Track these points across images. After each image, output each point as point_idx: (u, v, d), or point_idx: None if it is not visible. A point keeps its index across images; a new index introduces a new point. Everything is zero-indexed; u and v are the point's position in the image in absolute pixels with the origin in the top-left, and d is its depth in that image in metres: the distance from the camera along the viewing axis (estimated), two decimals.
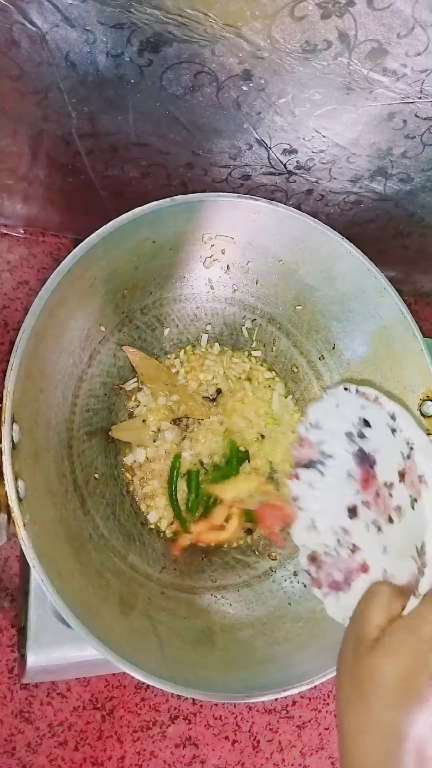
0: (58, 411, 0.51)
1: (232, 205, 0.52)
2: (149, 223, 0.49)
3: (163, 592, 0.54)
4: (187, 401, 0.60)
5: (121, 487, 0.57)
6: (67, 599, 0.39)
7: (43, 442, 0.48)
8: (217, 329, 0.63)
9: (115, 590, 0.50)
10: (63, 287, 0.44)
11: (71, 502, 0.51)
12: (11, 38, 0.41)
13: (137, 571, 0.54)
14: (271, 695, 0.45)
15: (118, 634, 0.44)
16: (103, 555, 0.52)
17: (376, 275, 0.54)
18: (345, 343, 0.61)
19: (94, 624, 0.41)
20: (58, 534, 0.47)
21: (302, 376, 0.64)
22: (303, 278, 0.59)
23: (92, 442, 0.55)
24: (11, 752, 0.55)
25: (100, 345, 0.56)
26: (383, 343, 0.57)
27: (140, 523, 0.56)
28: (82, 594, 0.45)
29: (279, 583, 0.58)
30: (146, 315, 0.60)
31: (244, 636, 0.52)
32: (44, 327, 0.44)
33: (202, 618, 0.53)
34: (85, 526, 0.52)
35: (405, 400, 0.56)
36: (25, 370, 0.42)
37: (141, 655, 0.44)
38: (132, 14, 0.39)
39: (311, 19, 0.39)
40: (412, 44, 0.41)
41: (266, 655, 0.50)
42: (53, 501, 0.48)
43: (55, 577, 0.40)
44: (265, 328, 0.64)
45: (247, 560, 0.59)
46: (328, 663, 0.45)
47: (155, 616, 0.50)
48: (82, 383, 0.55)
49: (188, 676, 0.44)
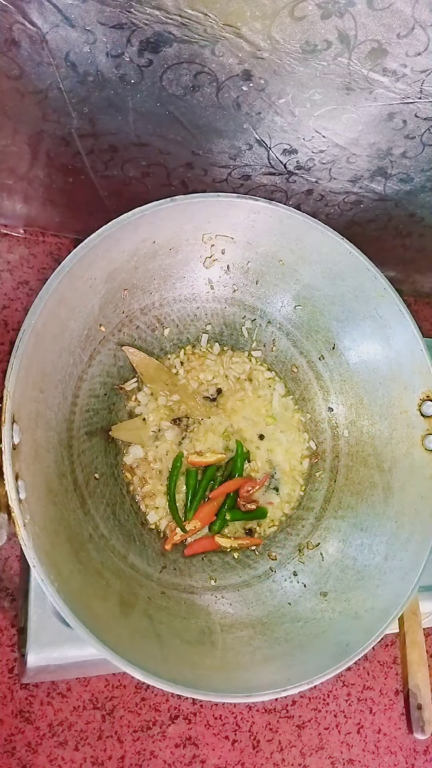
0: (58, 411, 0.51)
1: (232, 205, 0.52)
2: (149, 224, 0.49)
3: (163, 592, 0.54)
4: (187, 401, 0.60)
5: (121, 487, 0.57)
6: (67, 599, 0.39)
7: (43, 442, 0.48)
8: (217, 329, 0.63)
9: (115, 590, 0.50)
10: (63, 287, 0.44)
11: (71, 502, 0.51)
12: (11, 38, 0.41)
13: (137, 570, 0.54)
14: (271, 695, 0.45)
15: (118, 634, 0.44)
16: (103, 555, 0.52)
17: (376, 275, 0.54)
18: (345, 343, 0.61)
19: (94, 624, 0.41)
20: (58, 534, 0.47)
21: (302, 376, 0.64)
22: (303, 278, 0.59)
23: (92, 442, 0.55)
24: (11, 752, 0.55)
25: (100, 345, 0.56)
26: (383, 343, 0.57)
27: (140, 523, 0.56)
28: (82, 594, 0.45)
29: (279, 583, 0.58)
30: (146, 315, 0.60)
31: (244, 636, 0.52)
32: (44, 327, 0.43)
33: (202, 618, 0.53)
34: (85, 526, 0.52)
35: (405, 399, 0.56)
36: (25, 370, 0.42)
37: (141, 655, 0.44)
38: (132, 14, 0.39)
39: (311, 19, 0.39)
40: (412, 44, 0.41)
41: (266, 655, 0.50)
42: (53, 501, 0.48)
43: (55, 577, 0.40)
44: (265, 328, 0.64)
45: (246, 560, 0.59)
46: (328, 663, 0.45)
47: (155, 616, 0.50)
48: (82, 383, 0.55)
49: (188, 676, 0.44)
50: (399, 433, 0.57)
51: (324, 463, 0.63)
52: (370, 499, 0.58)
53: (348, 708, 0.69)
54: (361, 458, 0.61)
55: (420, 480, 0.54)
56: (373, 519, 0.57)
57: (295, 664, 0.48)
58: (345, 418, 0.63)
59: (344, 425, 0.63)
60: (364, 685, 0.71)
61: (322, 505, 0.61)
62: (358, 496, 0.59)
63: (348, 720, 0.69)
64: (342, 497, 0.61)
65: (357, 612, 0.51)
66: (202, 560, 0.57)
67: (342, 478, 0.61)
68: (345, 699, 0.69)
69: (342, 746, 0.68)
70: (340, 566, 0.57)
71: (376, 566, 0.54)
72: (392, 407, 0.58)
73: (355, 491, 0.60)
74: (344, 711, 0.69)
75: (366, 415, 0.61)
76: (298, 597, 0.56)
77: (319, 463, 0.63)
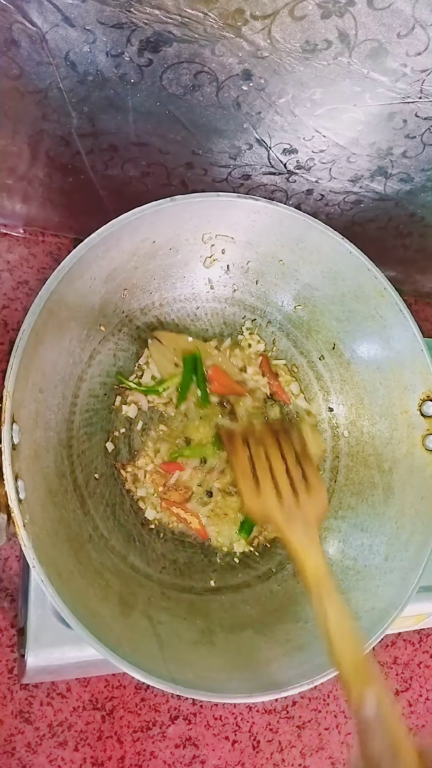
0: (58, 411, 0.51)
1: (232, 205, 0.52)
2: (149, 223, 0.49)
3: (163, 592, 0.54)
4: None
5: (120, 487, 0.56)
6: (66, 599, 0.39)
7: (43, 442, 0.48)
8: (217, 329, 0.63)
9: (115, 590, 0.49)
10: (63, 287, 0.44)
11: (71, 502, 0.51)
12: (11, 38, 0.41)
13: (137, 571, 0.54)
14: (272, 695, 0.45)
15: (118, 635, 0.44)
16: (103, 555, 0.52)
17: (376, 275, 0.54)
18: (345, 343, 0.61)
19: (94, 624, 0.41)
20: (58, 534, 0.47)
21: (302, 376, 0.64)
22: (303, 278, 0.59)
23: (92, 441, 0.55)
24: (11, 752, 0.55)
25: (99, 345, 0.56)
26: (383, 342, 0.57)
27: (140, 524, 0.56)
28: (82, 594, 0.45)
29: (280, 584, 0.58)
30: (146, 315, 0.59)
31: (245, 636, 0.52)
32: (44, 327, 0.43)
33: (202, 618, 0.53)
34: (84, 526, 0.52)
35: (405, 400, 0.56)
36: (25, 370, 0.42)
37: (141, 655, 0.44)
38: (132, 14, 0.39)
39: (311, 18, 0.39)
40: (412, 44, 0.41)
41: (266, 656, 0.50)
42: (53, 501, 0.48)
43: (54, 577, 0.40)
44: (265, 328, 0.64)
45: (247, 561, 0.59)
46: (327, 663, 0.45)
47: (155, 616, 0.50)
48: (82, 383, 0.54)
49: (188, 676, 0.44)
50: (399, 433, 0.57)
51: (324, 464, 0.62)
52: (370, 499, 0.58)
53: (348, 708, 0.69)
54: (361, 458, 0.61)
55: (420, 480, 0.54)
56: (374, 519, 0.57)
57: (296, 665, 0.48)
58: (345, 418, 0.63)
59: (344, 425, 0.63)
60: None
61: None
62: (358, 496, 0.59)
63: (348, 720, 0.69)
64: (342, 497, 0.61)
65: (357, 612, 0.51)
66: (201, 560, 0.57)
67: (342, 478, 0.61)
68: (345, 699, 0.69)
69: (342, 746, 0.68)
70: (340, 566, 0.57)
71: (376, 566, 0.54)
72: (393, 407, 0.58)
73: (356, 491, 0.60)
74: (344, 711, 0.69)
75: (366, 415, 0.61)
76: (298, 597, 0.56)
77: (319, 464, 0.63)
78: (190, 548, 0.57)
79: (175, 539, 0.57)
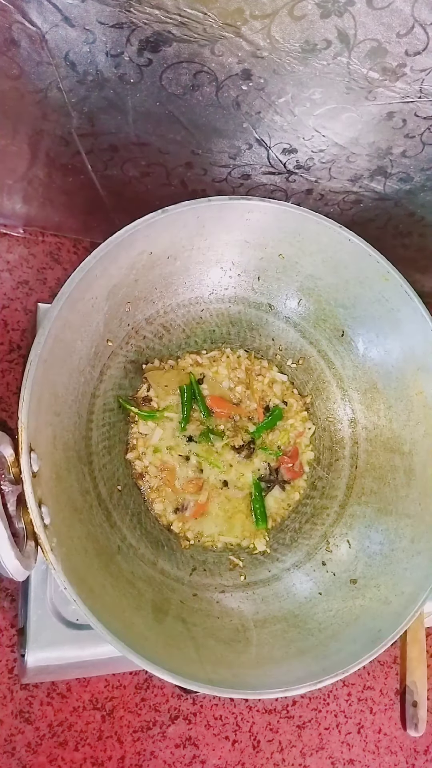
0: (75, 430, 0.51)
1: (224, 207, 0.52)
2: (144, 237, 0.49)
3: (195, 593, 0.54)
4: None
5: (144, 495, 0.57)
6: (100, 616, 0.39)
7: (63, 463, 0.48)
8: (224, 330, 0.63)
9: (148, 598, 0.50)
10: (65, 312, 0.44)
11: (97, 517, 0.51)
12: (11, 38, 0.41)
13: (168, 576, 0.54)
14: (308, 687, 0.44)
15: (154, 642, 0.44)
16: (133, 564, 0.52)
17: (378, 260, 0.54)
18: (353, 329, 0.61)
19: (130, 635, 0.41)
20: (87, 550, 0.47)
21: (314, 365, 0.64)
22: (305, 269, 0.59)
23: (112, 455, 0.55)
24: (11, 752, 0.55)
25: (109, 360, 0.56)
26: (392, 325, 0.57)
27: (166, 529, 0.57)
28: (116, 606, 0.45)
29: (309, 574, 0.58)
30: (152, 324, 0.59)
31: (278, 630, 0.52)
32: (51, 353, 0.43)
33: (236, 616, 0.53)
34: (113, 539, 0.52)
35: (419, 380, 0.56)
36: (37, 398, 0.41)
37: (178, 660, 0.44)
38: (132, 14, 0.39)
39: (310, 18, 0.39)
40: (412, 43, 0.41)
41: (300, 648, 0.50)
42: (79, 518, 0.48)
43: (87, 595, 0.40)
44: (271, 322, 0.64)
45: (275, 554, 0.59)
46: (360, 651, 0.45)
47: (189, 619, 0.50)
48: (95, 399, 0.54)
49: (225, 675, 0.44)
50: (416, 414, 0.57)
51: (343, 450, 0.62)
52: (392, 482, 0.58)
53: (348, 708, 0.69)
54: (380, 442, 0.60)
55: None
56: (397, 502, 0.57)
57: (329, 654, 0.48)
58: (360, 404, 0.62)
59: (360, 411, 0.62)
60: (365, 685, 0.71)
61: (345, 492, 0.61)
62: (380, 480, 0.59)
63: (348, 720, 0.69)
64: (364, 483, 0.60)
65: (387, 597, 0.51)
66: (229, 558, 0.58)
67: (362, 464, 0.61)
68: (345, 699, 0.69)
69: (342, 746, 0.67)
70: (367, 552, 0.56)
71: (403, 549, 0.54)
72: (407, 389, 0.57)
73: (377, 476, 0.60)
74: (344, 711, 0.69)
75: (381, 398, 0.61)
76: (328, 586, 0.56)
77: (339, 451, 0.63)
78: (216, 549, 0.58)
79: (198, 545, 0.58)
